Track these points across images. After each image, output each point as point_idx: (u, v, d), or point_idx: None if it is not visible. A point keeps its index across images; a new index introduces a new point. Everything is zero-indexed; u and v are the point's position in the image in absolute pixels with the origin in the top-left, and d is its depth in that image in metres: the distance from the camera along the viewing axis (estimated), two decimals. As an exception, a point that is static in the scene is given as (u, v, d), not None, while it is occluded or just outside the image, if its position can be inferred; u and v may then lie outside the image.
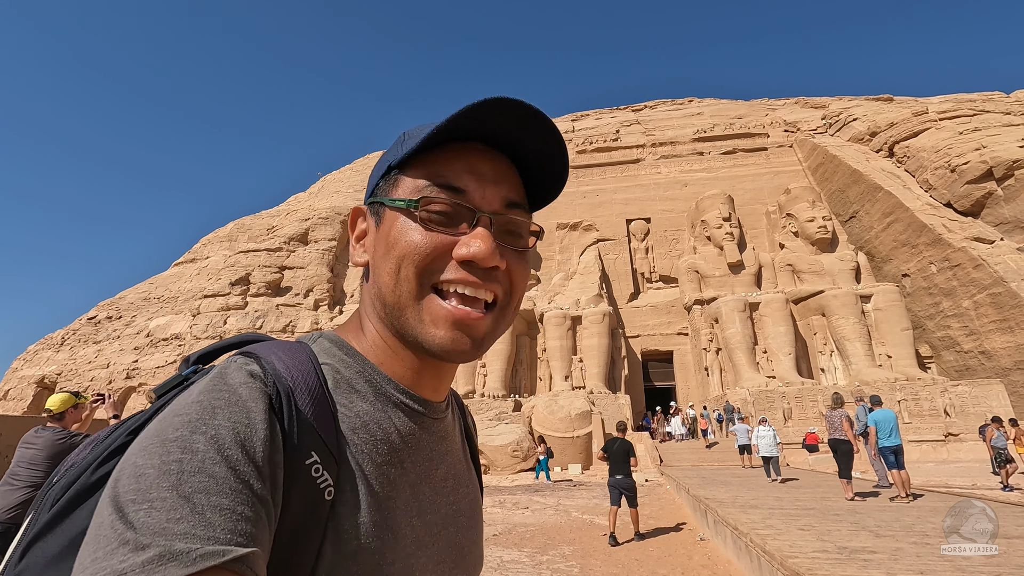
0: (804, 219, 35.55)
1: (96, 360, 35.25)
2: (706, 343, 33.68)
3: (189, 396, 0.56)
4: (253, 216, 49.04)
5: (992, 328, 27.86)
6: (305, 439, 0.58)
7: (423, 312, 0.67)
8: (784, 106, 48.93)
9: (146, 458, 0.49)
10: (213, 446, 0.50)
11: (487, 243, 0.66)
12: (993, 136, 31.40)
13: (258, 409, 0.55)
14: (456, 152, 0.70)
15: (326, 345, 0.72)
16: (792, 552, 5.49)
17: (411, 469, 0.69)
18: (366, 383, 0.69)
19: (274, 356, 0.64)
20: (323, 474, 0.59)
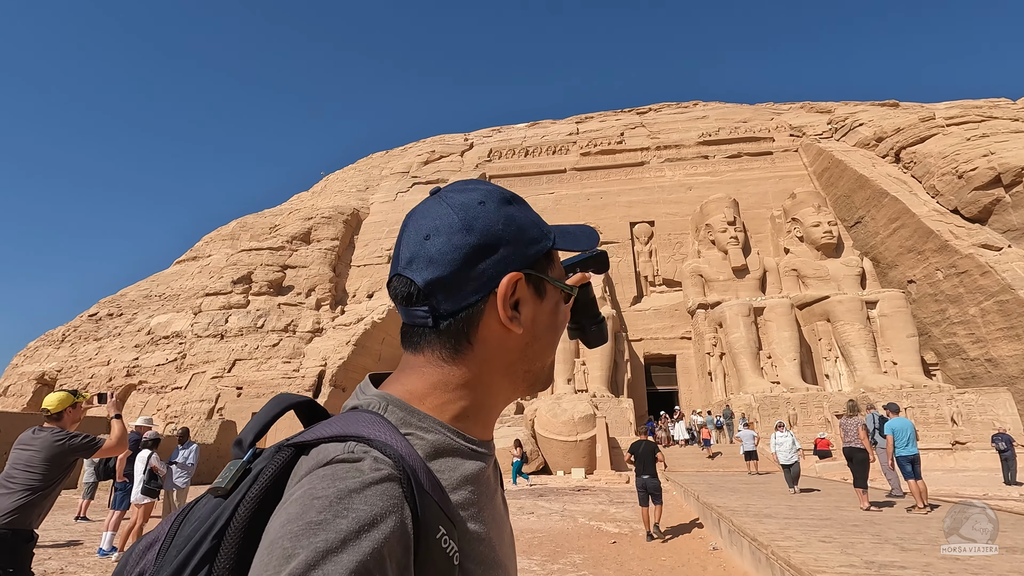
0: (809, 224, 35.37)
1: (97, 357, 35.06)
2: (710, 347, 33.47)
3: (321, 481, 0.57)
4: (255, 215, 48.90)
5: (999, 336, 27.65)
6: (433, 516, 0.62)
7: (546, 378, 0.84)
8: (790, 110, 48.78)
9: (292, 541, 0.50)
10: (354, 529, 0.52)
11: None
12: (1001, 142, 31.23)
13: (395, 494, 0.58)
14: None
15: (400, 415, 0.72)
16: (819, 567, 5.29)
17: (492, 507, 0.75)
18: (444, 441, 0.72)
19: (384, 437, 0.65)
20: (450, 543, 0.63)
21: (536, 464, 23.20)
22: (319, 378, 28.79)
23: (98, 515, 11.89)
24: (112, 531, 8.11)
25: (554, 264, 0.81)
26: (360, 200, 44.98)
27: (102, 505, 13.56)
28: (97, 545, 8.46)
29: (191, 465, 8.84)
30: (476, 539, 0.69)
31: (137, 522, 7.89)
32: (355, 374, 29.58)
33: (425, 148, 52.10)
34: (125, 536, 7.94)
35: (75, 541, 9.03)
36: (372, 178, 49.51)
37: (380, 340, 31.65)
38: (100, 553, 7.99)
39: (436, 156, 49.73)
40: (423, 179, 46.12)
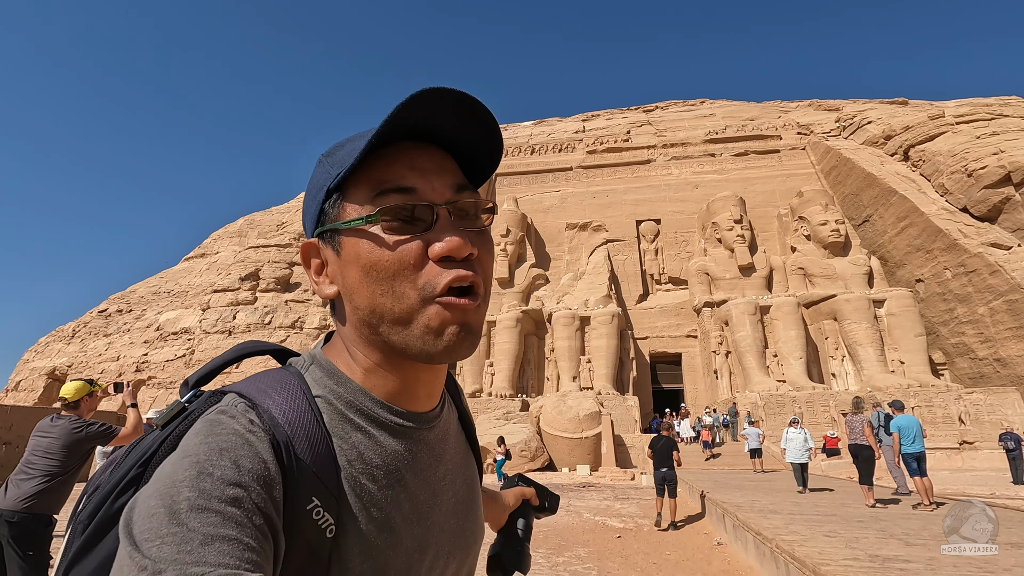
0: (817, 222, 35.20)
1: (106, 353, 35.41)
2: (716, 346, 33.39)
3: (196, 437, 0.59)
4: (263, 212, 49.16)
5: (1008, 335, 27.45)
6: (306, 486, 0.61)
7: (430, 319, 0.67)
8: (797, 108, 48.52)
9: (157, 500, 0.52)
10: (219, 484, 0.53)
11: (458, 233, 0.67)
12: (1012, 140, 30.97)
13: (266, 457, 0.59)
14: (390, 156, 0.69)
15: (318, 375, 0.73)
16: (823, 559, 5.33)
17: (410, 482, 0.72)
18: (357, 412, 0.70)
19: (270, 400, 0.65)
20: (324, 515, 0.62)
21: (541, 461, 23.26)
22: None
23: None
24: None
25: (346, 207, 0.70)
26: (367, 198, 45.21)
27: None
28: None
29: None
30: (366, 518, 0.66)
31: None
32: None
33: (431, 146, 52.25)
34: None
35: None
36: (379, 176, 49.71)
37: (386, 337, 31.84)
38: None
39: (442, 154, 49.86)
40: (429, 177, 46.24)
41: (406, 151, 0.70)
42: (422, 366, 0.72)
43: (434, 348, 0.67)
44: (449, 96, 0.66)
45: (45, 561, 3.78)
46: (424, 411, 0.76)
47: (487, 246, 0.73)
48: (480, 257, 0.70)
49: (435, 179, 0.70)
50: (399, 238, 0.67)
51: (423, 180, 0.69)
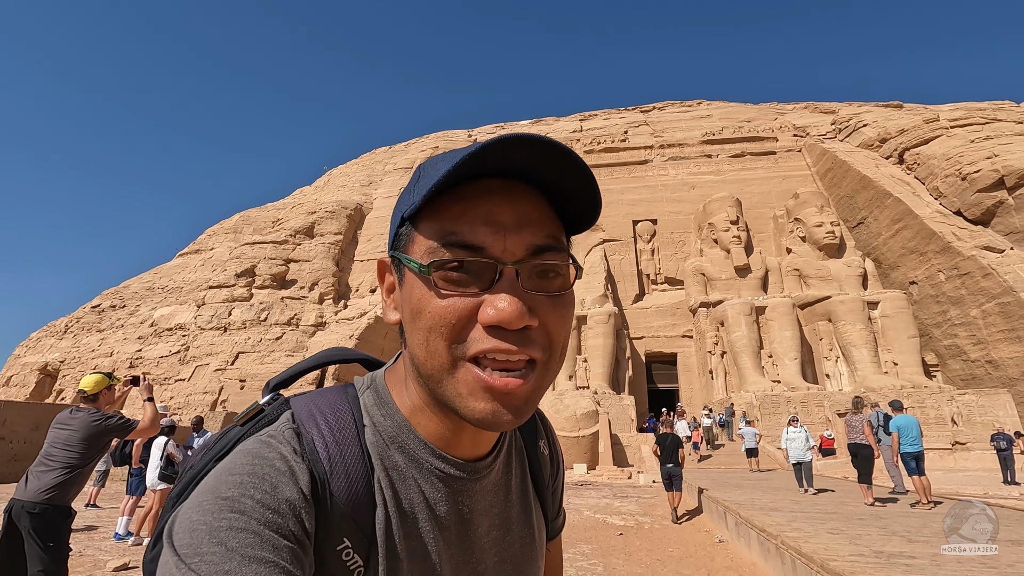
0: (812, 224, 35.44)
1: (99, 349, 35.15)
2: (711, 346, 33.56)
3: (243, 457, 0.60)
4: (258, 208, 48.94)
5: (1000, 338, 27.75)
6: (338, 525, 0.61)
7: (459, 384, 0.61)
8: (793, 110, 48.80)
9: (200, 514, 0.54)
10: (258, 508, 0.55)
11: (513, 301, 0.59)
12: (1005, 145, 31.29)
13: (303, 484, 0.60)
14: (470, 198, 0.62)
15: (370, 401, 0.72)
16: (829, 555, 5.40)
17: (443, 537, 0.68)
18: (399, 449, 0.68)
19: (315, 430, 0.65)
20: (353, 557, 0.61)
21: (538, 459, 23.33)
22: (322, 372, 28.91)
23: (108, 503, 12.02)
24: (128, 516, 8.23)
25: (414, 242, 0.65)
26: (363, 195, 45.03)
27: (111, 493, 13.68)
28: (112, 530, 8.58)
29: (203, 453, 8.95)
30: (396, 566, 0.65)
31: (153, 507, 8.00)
32: (357, 369, 29.66)
33: (428, 144, 52.13)
34: (141, 521, 8.05)
35: (91, 526, 9.14)
36: (375, 173, 49.55)
37: (383, 335, 31.75)
38: (116, 537, 8.10)
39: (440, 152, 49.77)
40: (426, 175, 46.16)
41: (488, 196, 0.63)
42: None
43: (468, 415, 0.62)
44: (532, 144, 0.59)
45: (65, 552, 3.79)
46: (470, 459, 0.71)
47: (558, 315, 0.64)
48: (547, 326, 0.63)
49: (511, 237, 0.62)
50: (451, 293, 0.61)
51: (495, 238, 0.61)
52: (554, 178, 0.64)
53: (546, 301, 0.63)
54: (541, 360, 0.63)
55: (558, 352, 0.65)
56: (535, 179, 0.64)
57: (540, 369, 0.63)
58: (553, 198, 0.66)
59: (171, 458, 8.13)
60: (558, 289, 0.64)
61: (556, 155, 0.61)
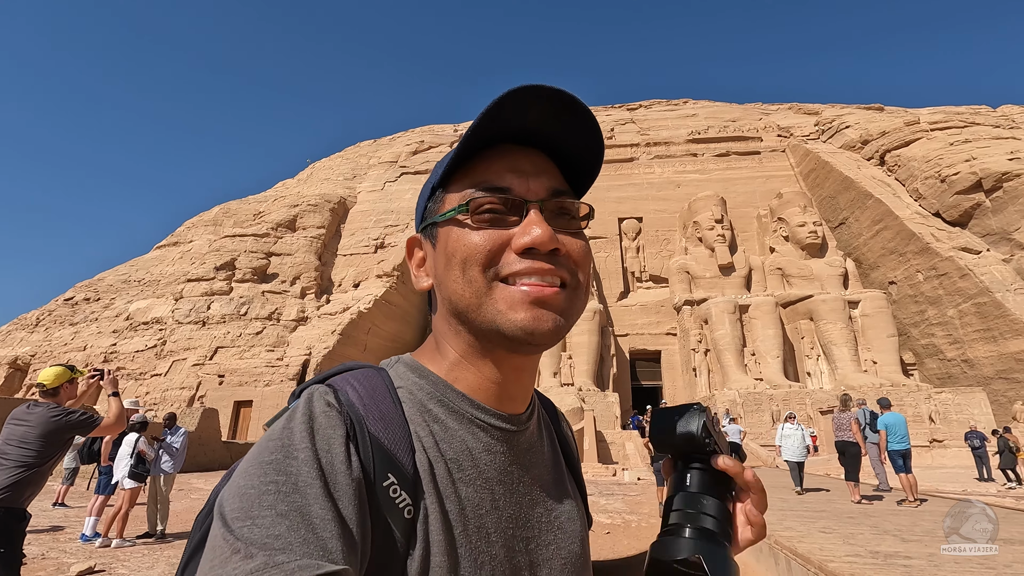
0: (795, 224, 35.77)
1: (72, 342, 34.14)
2: (695, 344, 33.71)
3: (280, 423, 0.62)
4: (239, 201, 47.98)
5: (976, 337, 28.29)
6: (380, 463, 0.62)
7: (498, 302, 0.67)
8: (778, 111, 49.25)
9: (247, 479, 0.55)
10: (304, 468, 0.56)
11: (543, 227, 0.67)
12: (983, 148, 31.88)
13: (337, 436, 0.61)
14: (492, 157, 0.71)
15: (401, 370, 0.75)
16: (826, 556, 5.29)
17: (489, 484, 0.69)
18: (438, 403, 0.71)
19: (349, 386, 0.69)
20: (401, 494, 0.62)
21: (523, 456, 23.21)
22: (303, 367, 28.38)
23: (77, 502, 11.55)
24: (96, 516, 7.84)
25: (445, 201, 0.72)
26: (347, 189, 44.37)
27: (80, 492, 13.19)
28: (79, 531, 8.19)
29: (177, 450, 8.58)
30: (442, 509, 0.64)
31: (123, 507, 7.63)
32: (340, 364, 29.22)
33: (414, 138, 51.57)
34: (109, 522, 7.68)
35: (56, 527, 8.73)
36: (360, 167, 48.89)
37: (366, 330, 31.30)
38: (83, 539, 7.72)
39: (425, 146, 49.24)
40: (412, 169, 45.64)
41: (507, 153, 0.71)
42: (506, 361, 0.70)
43: (509, 328, 0.65)
44: (545, 93, 0.66)
45: (17, 558, 3.48)
46: (509, 412, 0.73)
47: (581, 247, 0.71)
48: (572, 254, 0.70)
49: (532, 180, 0.70)
50: (484, 228, 0.68)
51: (520, 180, 0.70)
52: (560, 134, 0.72)
53: (568, 236, 0.70)
54: (571, 284, 0.69)
55: (584, 282, 0.71)
56: (543, 145, 0.73)
57: (570, 292, 0.69)
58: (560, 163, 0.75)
59: (142, 456, 7.77)
60: (576, 228, 0.72)
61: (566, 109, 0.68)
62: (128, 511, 7.74)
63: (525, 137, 0.71)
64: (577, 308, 0.70)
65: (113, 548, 7.38)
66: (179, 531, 8.70)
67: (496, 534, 0.67)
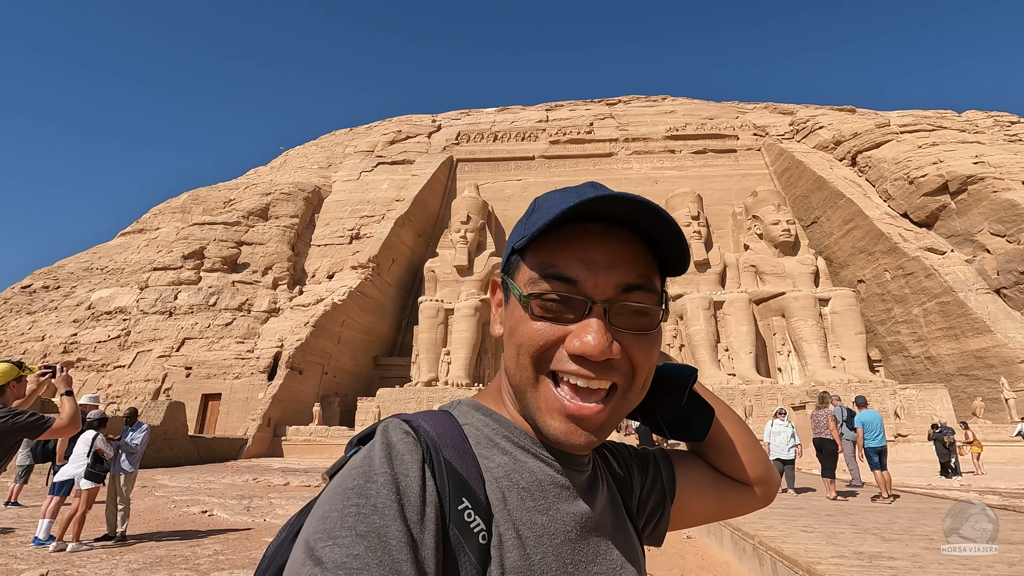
0: (769, 222, 36.33)
1: (30, 332, 32.68)
2: (670, 339, 34.03)
3: (360, 454, 0.64)
4: (209, 187, 46.53)
5: (939, 335, 29.20)
6: (455, 487, 0.64)
7: (539, 399, 0.69)
8: (754, 110, 49.88)
9: (330, 504, 0.57)
10: (382, 492, 0.58)
11: (597, 337, 0.65)
12: (950, 152, 32.81)
13: (414, 460, 0.63)
14: (570, 237, 0.70)
15: (465, 410, 0.77)
16: (812, 558, 5.24)
17: (560, 514, 0.70)
18: (505, 439, 0.73)
19: (422, 418, 0.71)
20: (475, 519, 0.63)
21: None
22: (275, 360, 27.69)
23: (32, 500, 10.95)
24: (50, 518, 7.38)
25: (520, 271, 0.72)
26: (322, 177, 43.39)
27: (36, 488, 12.53)
28: (32, 533, 7.71)
29: (137, 447, 8.13)
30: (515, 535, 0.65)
31: (80, 509, 7.18)
32: (314, 356, 28.61)
33: (391, 127, 50.70)
34: (65, 524, 7.23)
35: (7, 528, 8.22)
36: (335, 155, 47.86)
37: (340, 323, 30.69)
38: (35, 542, 7.25)
39: (402, 136, 48.46)
40: (388, 159, 44.87)
41: (586, 236, 0.69)
42: None
43: (544, 430, 0.68)
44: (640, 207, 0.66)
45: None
46: (572, 456, 0.74)
47: (644, 349, 0.69)
48: (632, 356, 0.68)
49: (602, 274, 0.68)
50: (543, 320, 0.68)
51: (588, 273, 0.67)
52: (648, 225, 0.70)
53: (631, 337, 0.68)
54: (622, 387, 0.69)
55: (640, 382, 0.70)
56: (632, 224, 0.70)
57: (619, 395, 0.69)
58: (648, 241, 0.72)
59: (100, 454, 7.33)
60: (645, 328, 0.70)
61: (648, 214, 0.67)
62: (85, 512, 7.30)
63: (612, 220, 0.69)
64: (622, 413, 0.70)
65: (69, 552, 6.95)
66: (141, 532, 8.28)
67: (572, 564, 0.68)
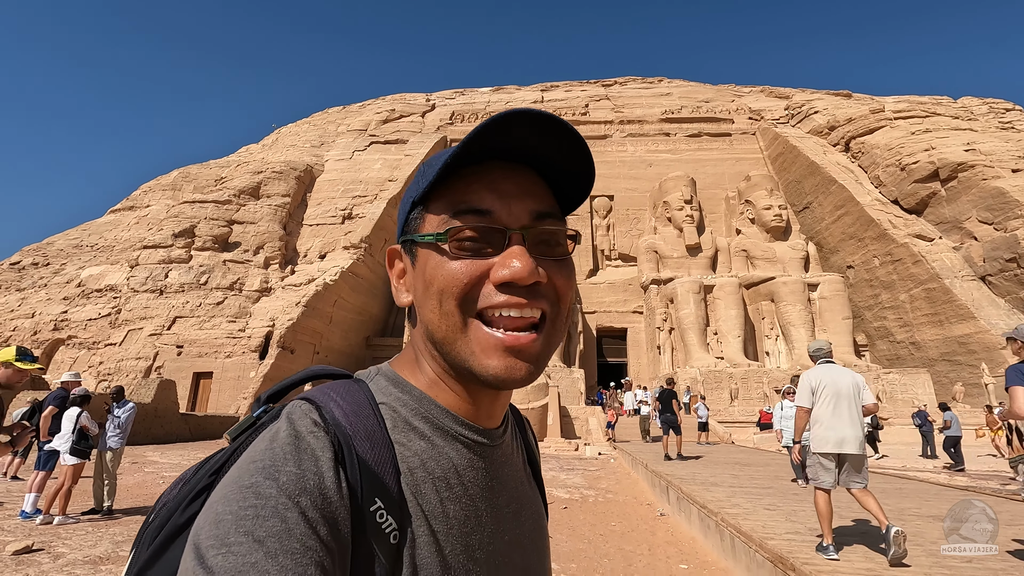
0: (761, 207, 36.47)
1: (19, 309, 32.64)
2: (660, 322, 34.37)
3: (261, 443, 0.59)
4: (200, 165, 46.11)
5: (924, 321, 29.62)
6: (368, 486, 0.60)
7: (472, 343, 0.66)
8: (750, 93, 49.61)
9: (224, 505, 0.52)
10: (284, 492, 0.53)
11: (523, 261, 0.64)
12: (942, 139, 32.87)
13: (325, 458, 0.58)
14: (475, 175, 0.68)
15: (383, 384, 0.72)
16: (767, 533, 5.49)
17: (473, 501, 0.69)
18: (423, 420, 0.69)
19: (332, 402, 0.65)
20: (387, 519, 0.61)
21: (487, 431, 23.41)
22: (266, 339, 27.84)
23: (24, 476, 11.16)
24: (36, 492, 7.56)
25: (425, 220, 0.69)
26: (314, 156, 43.07)
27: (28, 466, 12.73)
28: (20, 507, 7.90)
29: (124, 424, 8.31)
30: (428, 530, 0.63)
31: (65, 483, 7.36)
32: (305, 336, 28.76)
33: (385, 106, 50.20)
34: (52, 498, 7.41)
35: (-5, 503, 8.41)
36: (327, 134, 47.42)
37: (332, 302, 30.80)
38: (22, 515, 7.44)
39: (396, 115, 48.04)
40: (382, 138, 44.53)
41: (491, 172, 0.68)
42: (482, 391, 0.70)
43: (482, 372, 0.65)
44: (535, 119, 0.64)
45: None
46: (486, 427, 0.72)
47: (564, 276, 0.69)
48: (555, 285, 0.68)
49: (515, 203, 0.68)
50: (462, 259, 0.65)
51: (501, 203, 0.67)
52: (550, 155, 0.69)
53: (551, 263, 0.68)
54: (551, 315, 0.68)
55: (565, 310, 0.70)
56: (532, 162, 0.69)
57: (548, 324, 0.68)
58: (549, 179, 0.72)
59: (84, 431, 7.48)
60: (560, 255, 0.70)
61: (555, 129, 0.66)
62: (71, 487, 7.48)
63: (511, 155, 0.68)
64: (554, 343, 0.69)
65: (55, 526, 7.15)
66: (128, 506, 8.48)
67: (481, 551, 0.67)
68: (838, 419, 5.11)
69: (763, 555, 4.94)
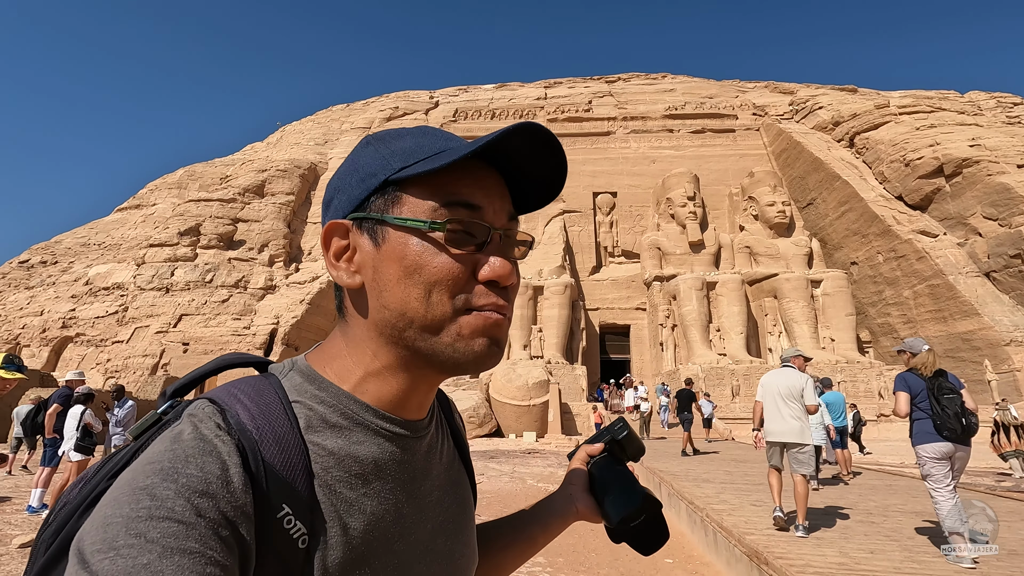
0: (764, 203, 36.34)
1: (28, 307, 33.11)
2: (663, 319, 34.37)
3: (161, 444, 0.56)
4: (205, 163, 46.47)
5: (928, 317, 29.49)
6: (276, 492, 0.58)
7: (462, 328, 0.66)
8: (754, 89, 49.38)
9: (114, 508, 0.48)
10: (183, 494, 0.49)
11: (506, 264, 0.67)
12: (947, 134, 32.63)
13: (231, 462, 0.55)
14: (457, 169, 0.68)
15: (297, 380, 0.69)
16: (748, 529, 5.61)
17: (392, 495, 0.68)
18: (341, 416, 0.67)
19: (239, 404, 0.63)
20: (296, 524, 0.59)
21: (489, 427, 23.60)
22: (271, 336, 28.13)
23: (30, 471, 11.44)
24: (42, 488, 7.80)
25: (403, 203, 0.67)
26: (318, 154, 43.30)
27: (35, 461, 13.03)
28: (27, 502, 8.14)
29: (124, 421, 8.54)
30: (341, 530, 0.61)
31: (70, 479, 7.59)
32: (309, 333, 29.03)
33: (388, 104, 50.35)
34: (57, 493, 7.65)
35: (3, 498, 8.66)
36: (331, 132, 47.65)
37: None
38: (29, 510, 7.69)
39: (400, 113, 48.19)
40: (385, 136, 44.70)
41: (473, 169, 0.69)
42: (430, 378, 0.70)
43: (463, 357, 0.66)
44: (539, 136, 0.67)
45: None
46: (413, 419, 0.72)
47: (518, 275, 0.73)
48: (515, 285, 0.72)
49: (497, 202, 0.70)
50: (454, 251, 0.66)
51: (488, 201, 0.69)
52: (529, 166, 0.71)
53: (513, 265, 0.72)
54: (508, 315, 0.71)
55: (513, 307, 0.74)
56: (501, 165, 0.71)
57: (507, 320, 0.71)
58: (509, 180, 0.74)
59: (88, 428, 7.70)
60: (520, 257, 0.74)
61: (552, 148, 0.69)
62: (76, 482, 7.72)
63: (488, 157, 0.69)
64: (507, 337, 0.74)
65: (60, 519, 7.38)
66: (131, 501, 8.73)
67: (401, 542, 0.68)
68: (776, 415, 6.23)
69: (741, 550, 5.07)
